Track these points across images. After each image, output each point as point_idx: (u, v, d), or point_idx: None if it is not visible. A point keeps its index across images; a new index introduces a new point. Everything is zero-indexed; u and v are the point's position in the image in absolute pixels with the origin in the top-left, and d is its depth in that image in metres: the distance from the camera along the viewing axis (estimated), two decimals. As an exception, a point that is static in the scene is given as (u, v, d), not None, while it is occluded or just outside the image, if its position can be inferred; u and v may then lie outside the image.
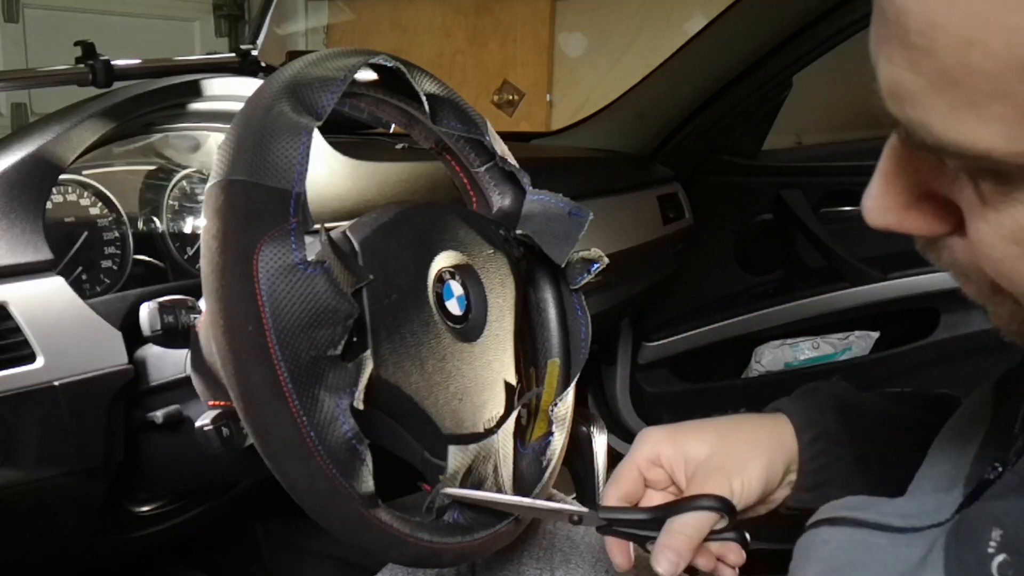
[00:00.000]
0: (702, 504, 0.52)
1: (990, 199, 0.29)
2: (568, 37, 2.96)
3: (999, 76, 0.26)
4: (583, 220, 0.68)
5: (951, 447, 0.47)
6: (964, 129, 0.27)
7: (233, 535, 1.06)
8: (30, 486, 0.65)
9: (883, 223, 0.33)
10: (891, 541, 0.42)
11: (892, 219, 0.33)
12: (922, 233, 0.33)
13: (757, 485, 0.54)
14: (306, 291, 0.49)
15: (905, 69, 0.28)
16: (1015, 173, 0.28)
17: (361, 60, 0.58)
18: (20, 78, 0.96)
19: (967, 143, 0.27)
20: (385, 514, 0.52)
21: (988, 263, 0.31)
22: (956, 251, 0.33)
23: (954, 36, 0.26)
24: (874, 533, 0.44)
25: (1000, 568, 0.34)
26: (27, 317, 0.63)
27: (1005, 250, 0.30)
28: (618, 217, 1.35)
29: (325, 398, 0.49)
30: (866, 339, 1.62)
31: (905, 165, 0.33)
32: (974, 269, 0.33)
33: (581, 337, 0.72)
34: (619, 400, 1.75)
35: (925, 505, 0.43)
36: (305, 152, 0.51)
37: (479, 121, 0.67)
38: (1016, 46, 0.25)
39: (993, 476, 0.40)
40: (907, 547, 0.41)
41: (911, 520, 0.43)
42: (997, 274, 0.31)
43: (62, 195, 0.77)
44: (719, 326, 1.66)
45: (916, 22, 0.27)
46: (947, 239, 0.33)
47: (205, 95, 0.81)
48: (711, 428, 0.57)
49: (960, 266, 0.34)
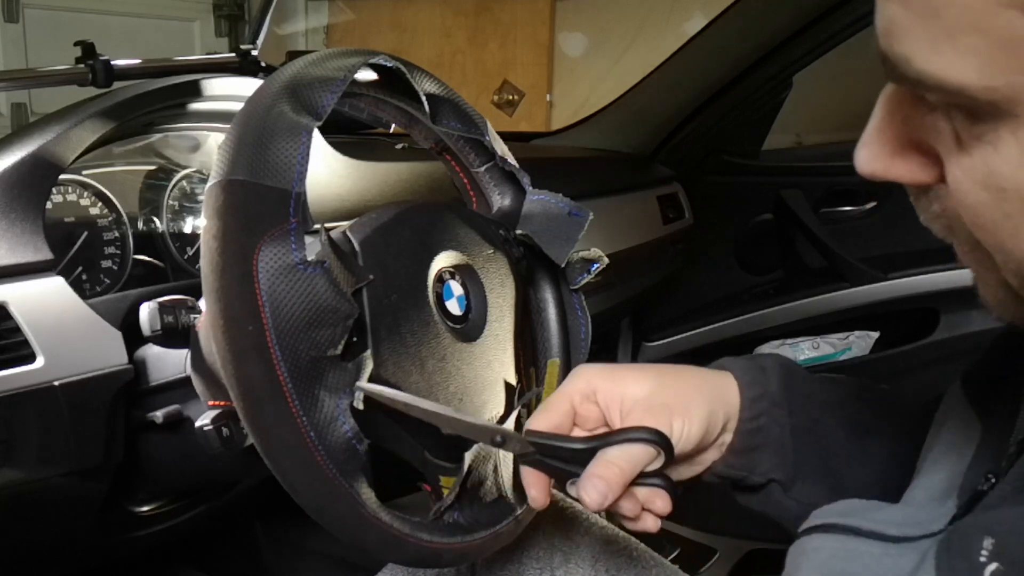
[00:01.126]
0: (639, 436, 0.48)
1: (965, 142, 0.30)
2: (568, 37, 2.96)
3: (977, 9, 0.27)
4: (583, 220, 0.68)
5: (945, 456, 0.46)
6: (941, 62, 0.28)
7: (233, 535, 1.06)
8: (30, 486, 0.65)
9: (870, 170, 0.34)
10: (884, 550, 0.42)
11: (879, 166, 0.34)
12: (907, 181, 0.34)
13: (698, 430, 0.51)
14: (306, 291, 0.49)
15: (897, 4, 0.29)
16: (986, 111, 0.29)
17: (361, 60, 0.58)
18: (20, 78, 0.96)
19: (943, 75, 0.29)
20: (385, 514, 0.51)
21: (965, 212, 0.32)
22: (942, 203, 0.34)
23: None
24: (867, 542, 0.43)
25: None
26: (27, 317, 0.63)
27: (977, 196, 0.31)
28: (618, 217, 1.35)
29: (325, 398, 0.49)
30: (866, 339, 1.62)
31: (895, 113, 0.33)
32: (957, 222, 0.33)
33: (581, 337, 0.72)
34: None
35: (920, 514, 0.43)
36: (305, 152, 0.51)
37: (479, 121, 0.67)
38: None
39: (986, 487, 0.40)
40: (899, 557, 0.41)
41: (905, 529, 0.42)
42: (974, 225, 0.32)
43: (62, 195, 0.77)
44: (719, 326, 1.66)
45: None
46: (935, 190, 0.34)
47: (205, 95, 0.81)
48: (653, 370, 0.54)
49: (945, 220, 0.34)
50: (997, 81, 0.28)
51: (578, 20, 2.92)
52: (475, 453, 0.57)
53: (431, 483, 0.58)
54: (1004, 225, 0.31)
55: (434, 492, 0.58)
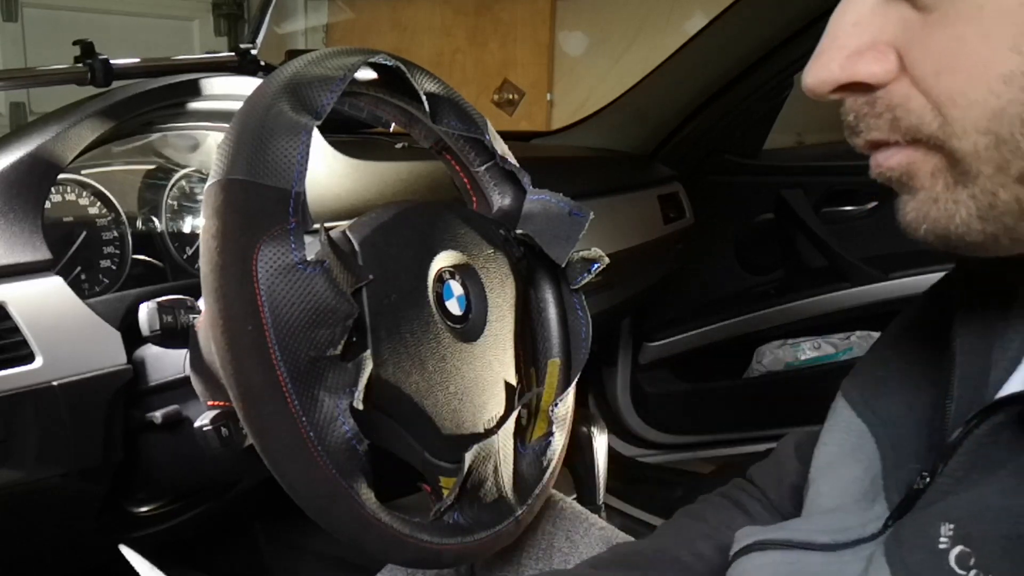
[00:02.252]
0: None
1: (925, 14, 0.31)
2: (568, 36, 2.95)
3: None
4: (583, 220, 0.68)
5: (840, 461, 0.47)
6: None
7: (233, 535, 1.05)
8: (29, 486, 0.65)
9: (822, 78, 0.34)
10: (825, 559, 0.43)
11: (835, 68, 0.34)
12: (864, 77, 0.34)
13: None
14: (305, 291, 0.48)
15: None
16: None
17: (361, 59, 0.58)
18: (19, 77, 0.95)
19: None
20: (385, 515, 0.51)
21: (926, 90, 0.32)
22: (893, 97, 0.34)
23: None
24: (806, 553, 0.44)
25: (959, 559, 0.35)
26: (26, 317, 0.62)
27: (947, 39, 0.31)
28: (618, 217, 1.35)
29: (325, 398, 0.49)
30: (867, 339, 1.62)
31: (845, 16, 0.34)
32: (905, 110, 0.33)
33: (581, 337, 0.72)
34: (620, 400, 1.75)
35: (848, 519, 0.44)
36: (305, 151, 0.51)
37: (479, 120, 0.67)
38: None
39: (922, 485, 0.41)
40: (843, 564, 0.42)
41: (837, 536, 0.43)
42: (936, 103, 0.32)
43: (61, 195, 0.77)
44: (720, 326, 1.66)
45: None
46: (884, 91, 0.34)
47: (204, 94, 0.81)
48: None
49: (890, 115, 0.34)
50: None
51: (578, 19, 2.92)
52: (475, 454, 0.57)
53: (431, 484, 0.58)
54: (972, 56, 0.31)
55: (434, 493, 0.58)
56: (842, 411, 0.49)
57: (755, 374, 1.68)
